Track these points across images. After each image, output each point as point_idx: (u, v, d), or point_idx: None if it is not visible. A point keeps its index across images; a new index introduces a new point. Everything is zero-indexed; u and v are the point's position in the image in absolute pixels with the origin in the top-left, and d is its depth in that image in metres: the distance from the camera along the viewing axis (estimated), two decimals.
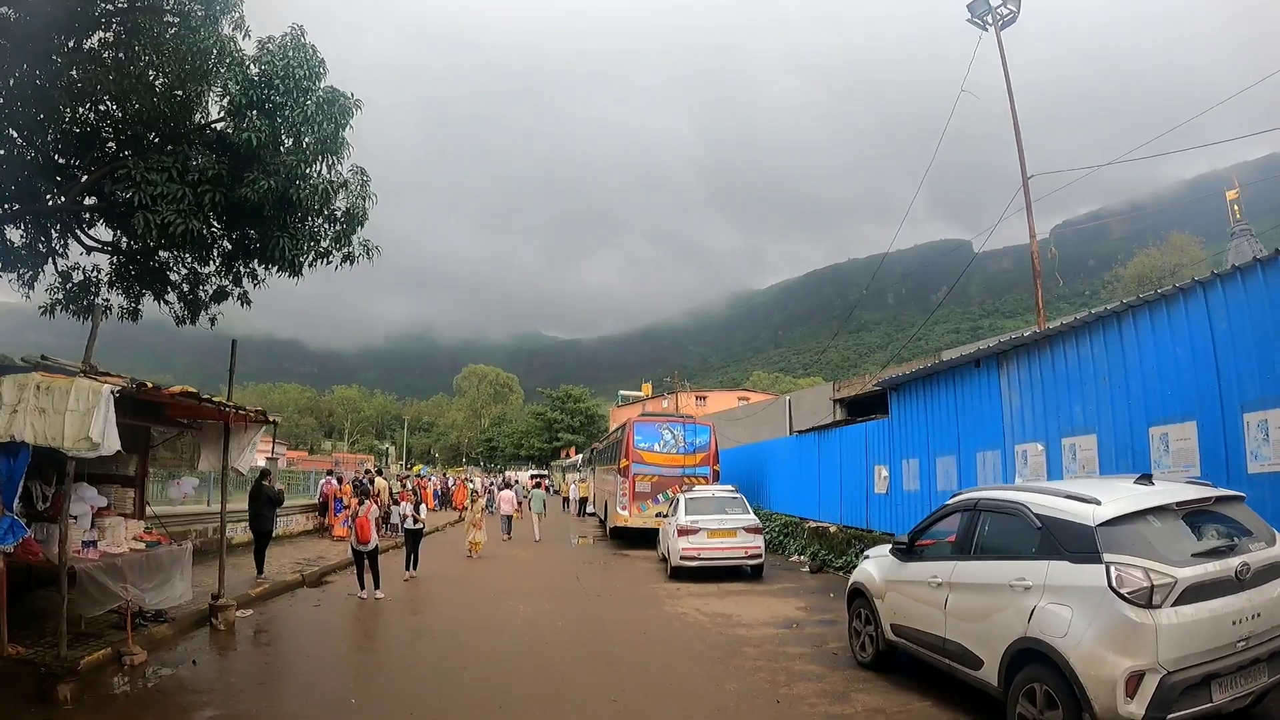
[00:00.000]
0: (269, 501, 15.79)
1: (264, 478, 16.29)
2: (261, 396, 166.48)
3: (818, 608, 13.11)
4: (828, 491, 20.57)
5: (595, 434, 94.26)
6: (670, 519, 18.20)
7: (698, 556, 16.56)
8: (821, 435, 21.68)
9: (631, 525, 23.12)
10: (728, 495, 18.55)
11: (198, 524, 16.88)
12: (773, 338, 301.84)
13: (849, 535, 17.96)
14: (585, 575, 17.75)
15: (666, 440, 23.94)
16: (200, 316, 14.22)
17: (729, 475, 24.90)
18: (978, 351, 14.29)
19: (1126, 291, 47.98)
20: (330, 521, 22.24)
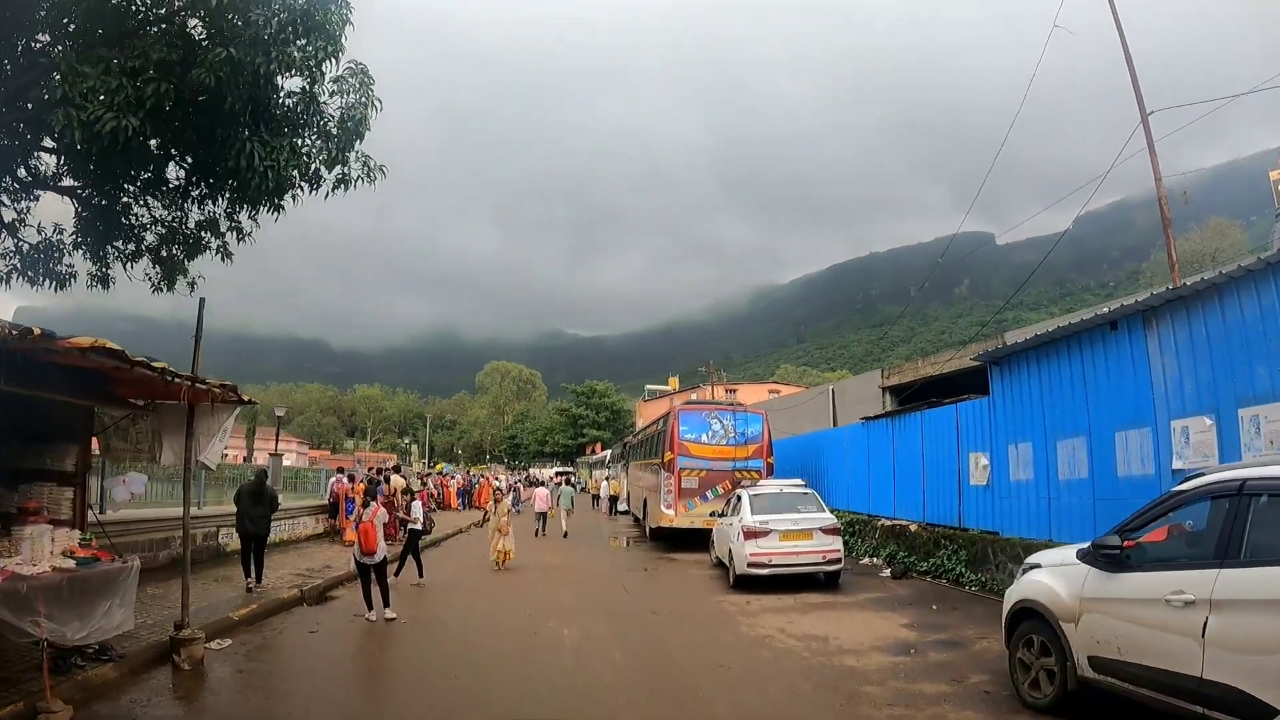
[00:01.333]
0: (272, 502, 13.87)
1: (263, 476, 14.41)
2: (284, 396, 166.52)
3: (927, 624, 10.91)
4: (906, 485, 18.26)
5: (621, 430, 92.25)
6: (730, 519, 15.88)
7: (768, 563, 14.15)
8: (897, 421, 19.24)
9: (677, 526, 20.71)
10: (798, 491, 16.15)
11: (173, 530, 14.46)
12: (795, 333, 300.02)
13: (936, 535, 15.75)
14: (634, 586, 15.33)
15: (715, 430, 21.45)
16: (178, 280, 11.80)
17: (779, 469, 22.36)
18: (1113, 310, 11.70)
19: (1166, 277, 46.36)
20: (341, 524, 19.90)
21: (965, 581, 13.85)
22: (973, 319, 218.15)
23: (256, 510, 13.28)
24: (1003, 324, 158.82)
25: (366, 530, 11.62)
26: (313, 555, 17.35)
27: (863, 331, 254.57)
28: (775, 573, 14.13)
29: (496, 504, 17.94)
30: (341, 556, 16.66)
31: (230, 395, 8.12)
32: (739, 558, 14.47)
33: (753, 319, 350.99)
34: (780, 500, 15.40)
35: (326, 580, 13.84)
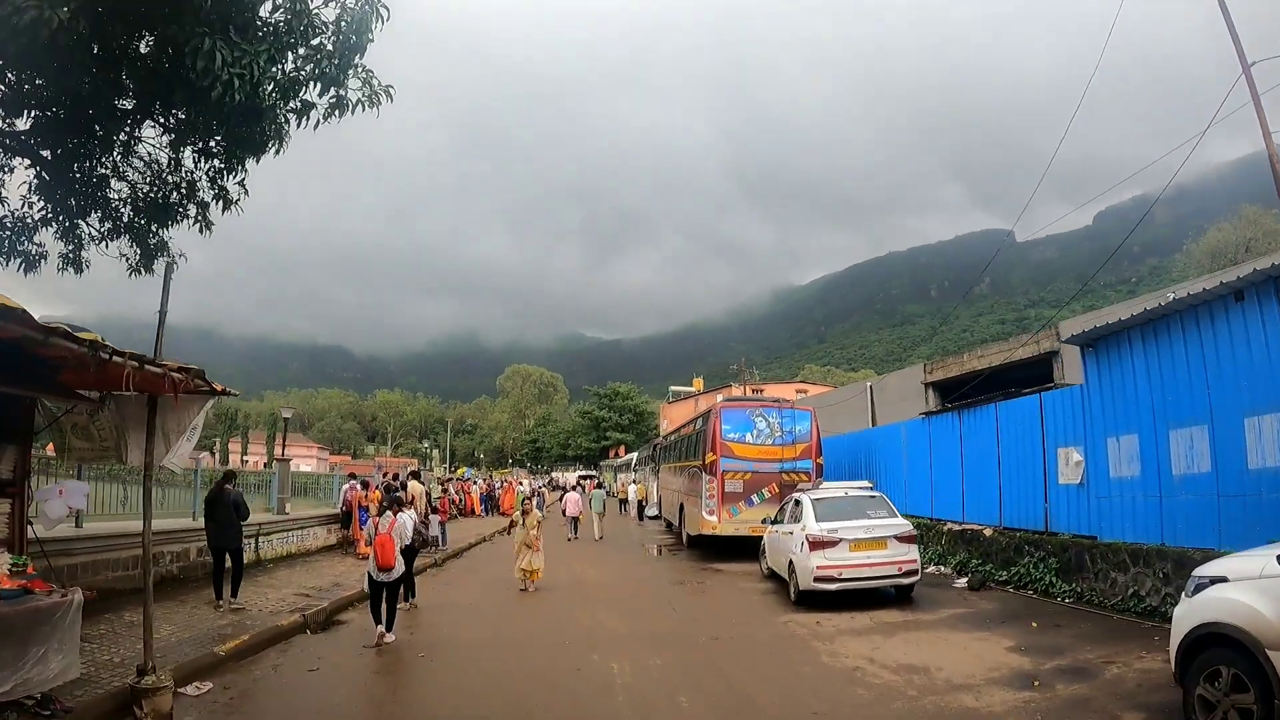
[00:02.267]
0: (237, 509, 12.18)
1: (228, 480, 12.62)
2: (303, 401, 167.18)
3: (1038, 647, 9.29)
4: (977, 485, 16.44)
5: (645, 433, 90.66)
6: (788, 527, 14.16)
7: (837, 576, 12.39)
8: (966, 415, 17.39)
9: (720, 533, 18.93)
10: (865, 494, 14.39)
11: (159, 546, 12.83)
12: (815, 333, 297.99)
13: (1017, 540, 14.11)
14: (682, 603, 13.66)
15: (760, 429, 19.66)
16: (156, 257, 10.19)
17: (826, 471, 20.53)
18: (1240, 279, 9.93)
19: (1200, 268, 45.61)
20: (355, 535, 18.29)
21: (1056, 592, 12.35)
22: (994, 317, 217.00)
23: (214, 519, 11.92)
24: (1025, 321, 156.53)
25: (383, 544, 10.30)
26: (322, 571, 15.65)
27: (883, 331, 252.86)
28: (845, 587, 12.43)
29: (525, 515, 15.15)
30: (354, 572, 14.99)
31: (197, 384, 6.41)
32: (803, 571, 12.78)
33: (772, 320, 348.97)
34: (847, 505, 13.69)
35: (334, 602, 12.11)
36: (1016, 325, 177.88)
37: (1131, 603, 10.82)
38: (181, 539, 13.00)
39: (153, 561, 12.03)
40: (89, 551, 10.73)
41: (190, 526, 13.36)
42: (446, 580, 16.10)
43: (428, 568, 16.82)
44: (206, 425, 33.34)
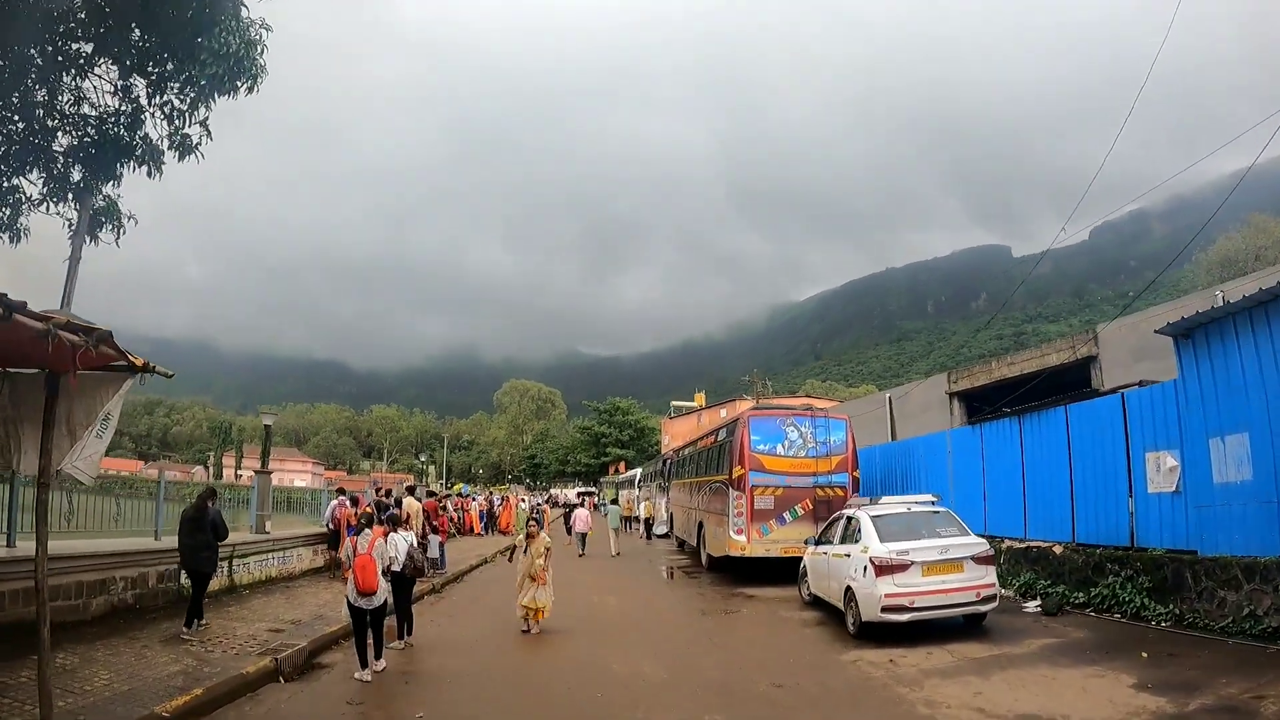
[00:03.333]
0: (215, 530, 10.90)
1: (210, 497, 11.20)
2: (299, 416, 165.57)
3: (1166, 683, 7.92)
4: (1042, 497, 14.85)
5: (646, 448, 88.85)
6: (840, 548, 12.43)
7: (909, 605, 10.65)
8: (1028, 420, 15.71)
9: (750, 555, 17.16)
10: (929, 510, 12.54)
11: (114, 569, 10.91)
12: (812, 349, 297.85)
13: (1096, 558, 12.68)
14: (723, 639, 11.86)
15: (793, 440, 17.89)
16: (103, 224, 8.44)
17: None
18: None
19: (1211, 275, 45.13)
20: (342, 556, 16.45)
21: (1150, 615, 11.00)
22: (991, 332, 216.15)
23: (191, 540, 10.63)
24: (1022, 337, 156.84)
25: (364, 565, 8.98)
26: (303, 599, 13.64)
27: (881, 347, 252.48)
28: (918, 618, 10.70)
29: (530, 540, 12.33)
30: (341, 600, 13.09)
31: (105, 353, 4.54)
32: (866, 599, 11.01)
33: (770, 336, 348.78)
34: (912, 522, 11.90)
35: (315, 639, 10.19)
36: (1014, 341, 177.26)
37: (1247, 624, 9.50)
38: (139, 562, 11.08)
39: (103, 589, 10.25)
40: (21, 577, 8.86)
41: (150, 548, 11.50)
42: (448, 610, 14.18)
43: (426, 594, 14.97)
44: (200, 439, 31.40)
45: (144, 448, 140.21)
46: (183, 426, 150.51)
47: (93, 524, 11.44)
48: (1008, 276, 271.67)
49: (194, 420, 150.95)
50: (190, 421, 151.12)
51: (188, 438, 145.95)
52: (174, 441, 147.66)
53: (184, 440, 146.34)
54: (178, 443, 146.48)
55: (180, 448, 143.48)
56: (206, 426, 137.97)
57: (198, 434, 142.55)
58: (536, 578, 11.92)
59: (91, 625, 9.87)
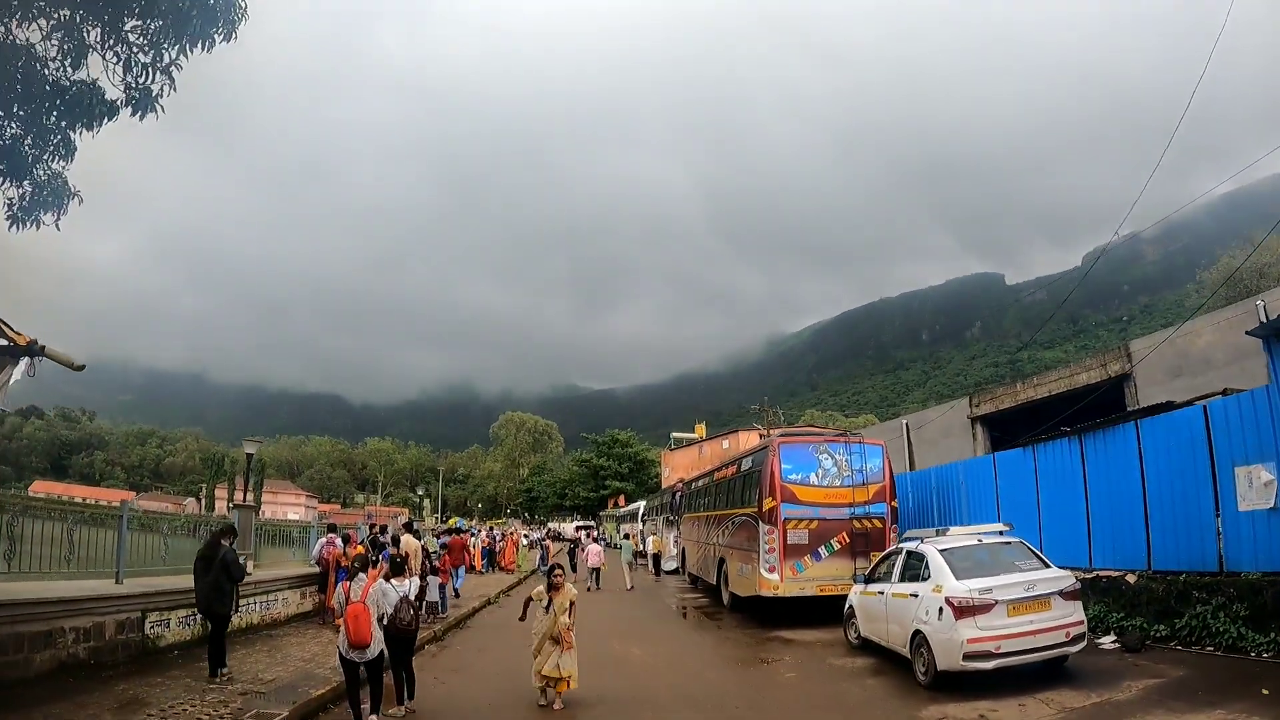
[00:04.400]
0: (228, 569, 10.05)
1: (225, 535, 10.51)
2: (293, 449, 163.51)
3: None
4: (1110, 522, 13.66)
5: (645, 481, 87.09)
6: (900, 587, 11.12)
7: (995, 651, 9.28)
8: (1090, 438, 14.44)
9: (784, 594, 15.61)
10: (1001, 541, 11.21)
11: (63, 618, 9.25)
12: (808, 380, 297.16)
13: (1178, 585, 11.55)
14: (775, 696, 10.25)
15: (827, 468, 16.41)
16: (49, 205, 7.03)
17: None
18: None
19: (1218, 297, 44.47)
20: (330, 602, 14.75)
21: (1249, 645, 10.03)
22: (987, 360, 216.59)
23: (203, 581, 9.99)
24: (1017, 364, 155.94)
25: (357, 615, 7.98)
26: (288, 651, 11.94)
27: (876, 378, 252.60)
28: (1005, 664, 9.32)
29: (553, 594, 9.76)
30: (332, 651, 11.47)
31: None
32: (944, 645, 9.61)
33: (765, 368, 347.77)
34: (986, 556, 10.59)
35: (299, 705, 8.57)
36: (1009, 368, 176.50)
37: None
38: (93, 610, 9.44)
39: (49, 642, 8.67)
40: None
41: (109, 592, 9.89)
42: (453, 662, 12.48)
43: (428, 642, 13.33)
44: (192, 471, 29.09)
45: (136, 479, 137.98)
46: (175, 458, 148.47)
47: (39, 562, 9.85)
48: (1001, 304, 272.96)
49: (186, 451, 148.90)
50: (183, 453, 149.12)
51: (180, 469, 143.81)
52: (166, 473, 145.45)
53: (177, 471, 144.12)
54: (170, 474, 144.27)
55: (173, 479, 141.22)
56: (199, 458, 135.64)
57: (190, 465, 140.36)
58: (561, 639, 9.47)
59: (34, 686, 8.30)
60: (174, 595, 11.02)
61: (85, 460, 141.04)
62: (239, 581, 10.33)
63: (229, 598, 10.06)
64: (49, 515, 10.76)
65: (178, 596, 11.05)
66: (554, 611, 9.55)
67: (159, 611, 10.71)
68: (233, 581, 10.11)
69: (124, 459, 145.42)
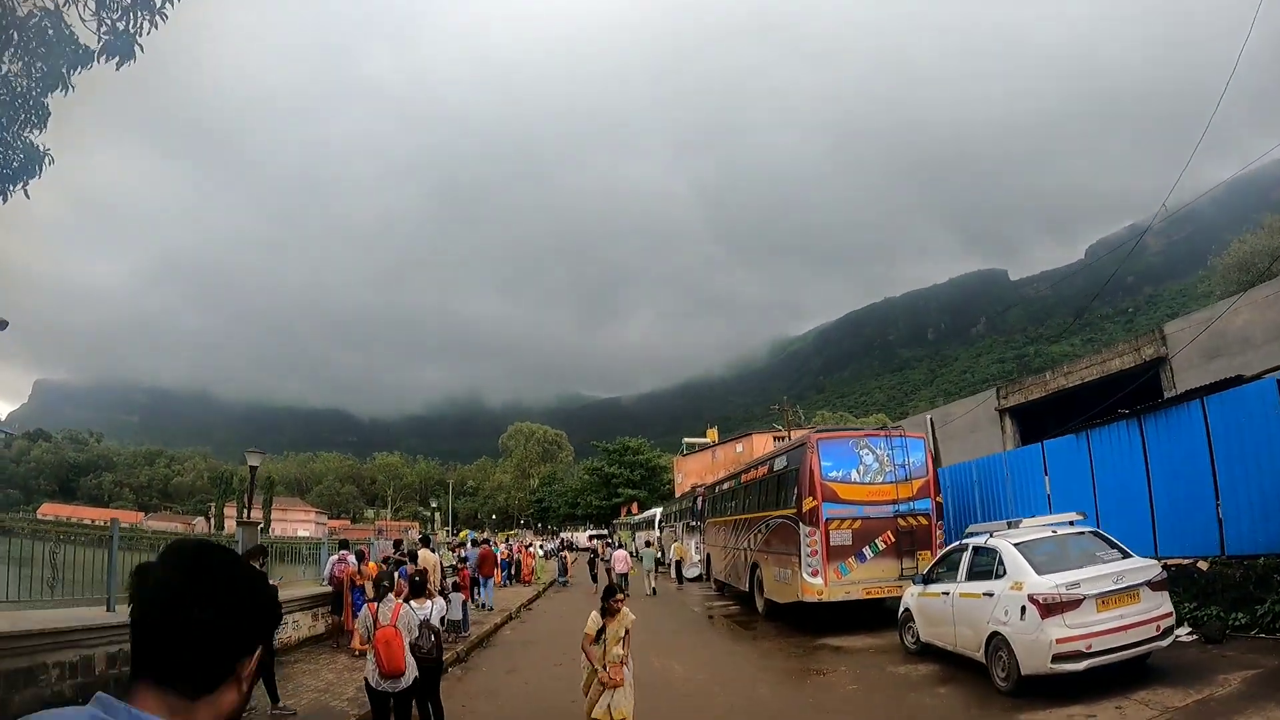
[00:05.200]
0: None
1: (254, 556, 9.49)
2: (301, 465, 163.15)
3: None
4: (1176, 507, 12.88)
5: (658, 488, 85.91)
6: (977, 585, 10.17)
7: (1086, 650, 8.52)
8: (1150, 420, 13.68)
9: (829, 599, 14.60)
10: (1074, 531, 10.45)
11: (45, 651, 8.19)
12: (814, 383, 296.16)
13: (1260, 570, 10.82)
14: (842, 712, 9.32)
15: (868, 464, 15.43)
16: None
17: None
18: None
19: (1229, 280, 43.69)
20: (347, 624, 13.63)
21: None
22: (993, 356, 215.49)
23: None
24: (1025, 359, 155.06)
25: (389, 640, 7.11)
26: (300, 680, 10.87)
27: (883, 378, 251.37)
28: (1096, 664, 8.54)
29: (609, 620, 7.79)
30: (349, 680, 10.43)
31: None
32: (1029, 646, 8.84)
33: (771, 372, 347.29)
34: (1063, 548, 9.85)
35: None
36: (1016, 363, 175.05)
37: None
38: (81, 642, 8.40)
39: (30, 680, 7.70)
40: None
41: (99, 622, 8.82)
42: (481, 686, 11.40)
43: (452, 664, 12.28)
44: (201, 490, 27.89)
45: (145, 499, 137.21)
46: (183, 477, 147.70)
47: (18, 588, 8.85)
48: (1005, 300, 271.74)
49: (194, 471, 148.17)
50: (191, 472, 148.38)
51: (189, 488, 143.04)
52: (175, 492, 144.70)
53: (185, 491, 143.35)
54: (179, 494, 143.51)
55: (181, 499, 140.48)
56: (207, 477, 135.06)
57: (199, 485, 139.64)
58: (612, 678, 7.61)
59: None
60: None
61: (93, 482, 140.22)
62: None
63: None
64: (29, 535, 9.77)
65: None
66: (607, 639, 7.72)
67: None
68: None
69: (132, 480, 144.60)
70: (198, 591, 1.38)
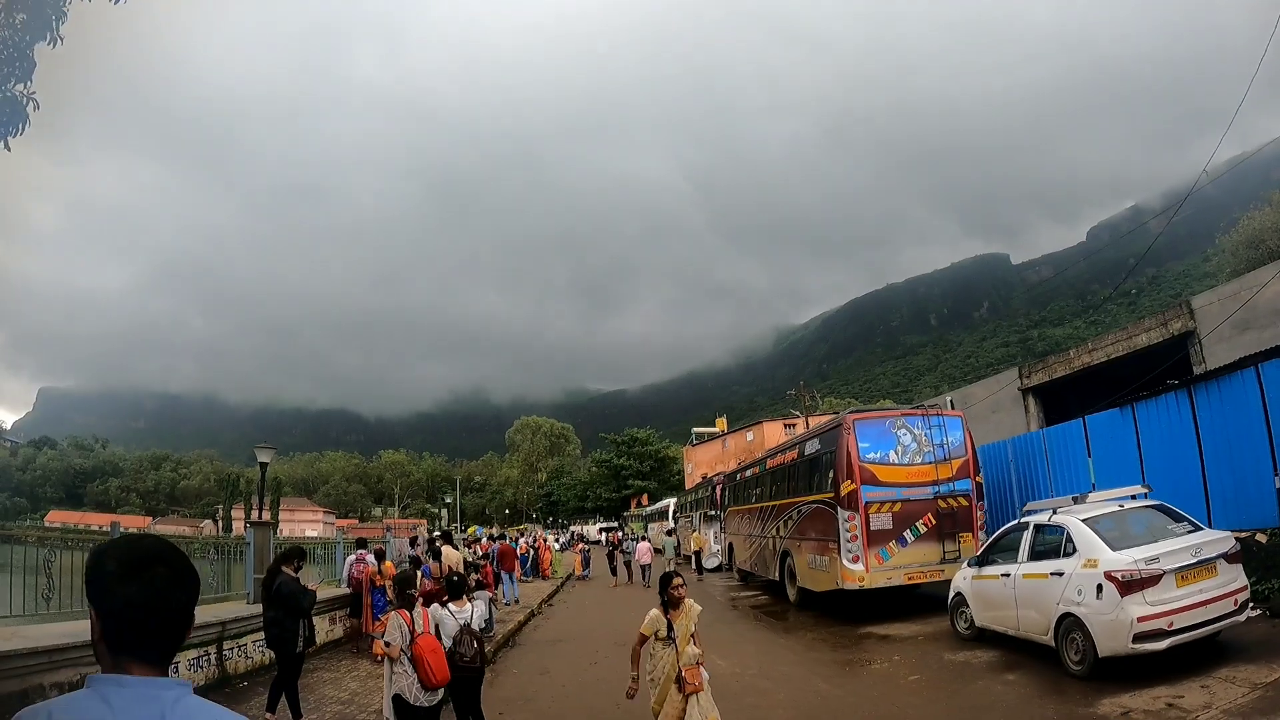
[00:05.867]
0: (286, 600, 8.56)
1: (287, 561, 8.96)
2: (308, 465, 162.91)
3: None
4: (1234, 478, 12.37)
5: (667, 479, 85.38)
6: (1044, 565, 9.60)
7: (1168, 628, 8.09)
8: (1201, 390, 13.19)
9: (870, 586, 13.96)
10: (1141, 505, 9.96)
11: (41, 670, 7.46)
12: (818, 371, 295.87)
13: None
14: (910, 706, 8.64)
15: (906, 445, 14.76)
16: None
17: None
18: None
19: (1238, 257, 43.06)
20: (367, 627, 12.91)
21: None
22: (997, 340, 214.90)
23: (267, 613, 8.75)
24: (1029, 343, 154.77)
25: (435, 649, 6.53)
26: (321, 691, 10.10)
27: (887, 364, 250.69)
28: (1178, 642, 8.12)
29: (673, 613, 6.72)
30: (372, 690, 9.74)
31: None
32: (1107, 627, 8.38)
33: (775, 361, 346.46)
34: (1133, 522, 9.33)
35: None
36: (1021, 347, 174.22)
37: None
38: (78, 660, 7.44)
39: (25, 702, 6.98)
40: None
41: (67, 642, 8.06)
42: (515, 690, 10.57)
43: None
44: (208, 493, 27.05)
45: (152, 503, 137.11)
46: (190, 481, 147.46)
47: (11, 602, 8.14)
48: (1008, 284, 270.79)
49: (201, 474, 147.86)
50: (198, 475, 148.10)
51: (196, 492, 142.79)
52: (182, 496, 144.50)
53: (192, 494, 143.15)
54: (186, 497, 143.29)
55: (189, 502, 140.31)
56: (214, 479, 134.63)
57: (206, 488, 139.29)
58: (689, 679, 6.35)
59: None
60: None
61: (100, 488, 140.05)
62: (307, 614, 8.84)
63: (292, 634, 8.54)
64: (34, 543, 9.08)
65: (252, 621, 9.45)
66: (680, 633, 6.57)
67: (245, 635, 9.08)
68: (297, 616, 8.59)
69: (139, 485, 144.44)
70: (185, 581, 1.70)
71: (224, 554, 13.14)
